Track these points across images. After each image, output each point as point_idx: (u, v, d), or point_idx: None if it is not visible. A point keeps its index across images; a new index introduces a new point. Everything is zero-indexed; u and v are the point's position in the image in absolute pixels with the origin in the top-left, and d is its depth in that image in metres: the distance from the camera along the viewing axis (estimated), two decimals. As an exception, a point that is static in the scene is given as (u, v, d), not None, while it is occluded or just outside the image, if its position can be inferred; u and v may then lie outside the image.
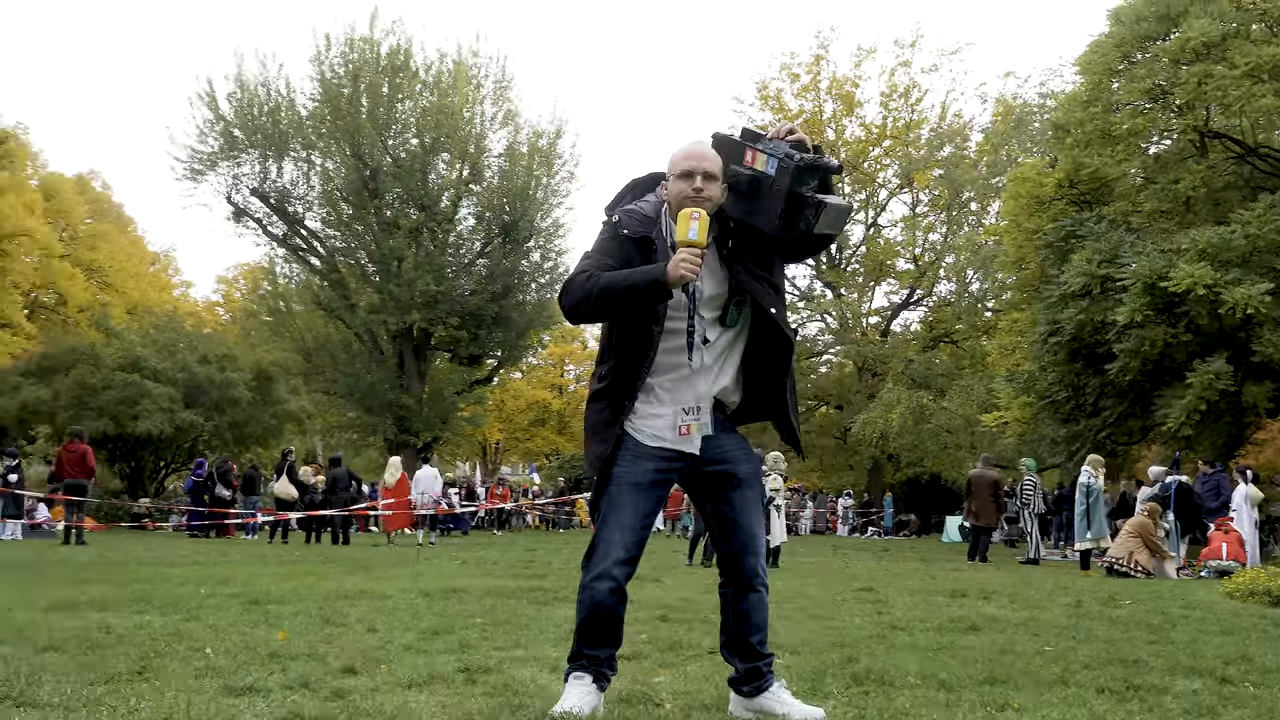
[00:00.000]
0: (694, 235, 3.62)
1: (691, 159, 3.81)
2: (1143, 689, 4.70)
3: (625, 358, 3.86)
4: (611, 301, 3.72)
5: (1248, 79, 20.77)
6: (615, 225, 3.90)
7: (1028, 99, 36.05)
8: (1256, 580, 10.56)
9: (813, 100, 42.10)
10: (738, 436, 4.02)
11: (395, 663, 5.19)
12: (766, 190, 3.69)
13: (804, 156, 3.65)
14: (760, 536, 3.98)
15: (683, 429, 3.85)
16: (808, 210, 3.64)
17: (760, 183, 3.70)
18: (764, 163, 3.70)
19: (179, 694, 4.16)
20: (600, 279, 3.71)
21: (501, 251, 36.79)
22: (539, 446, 57.99)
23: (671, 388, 3.87)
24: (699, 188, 3.75)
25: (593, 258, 3.84)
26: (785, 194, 3.64)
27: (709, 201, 3.76)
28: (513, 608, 8.42)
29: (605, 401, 3.92)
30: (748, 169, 3.74)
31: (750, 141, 3.80)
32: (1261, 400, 19.90)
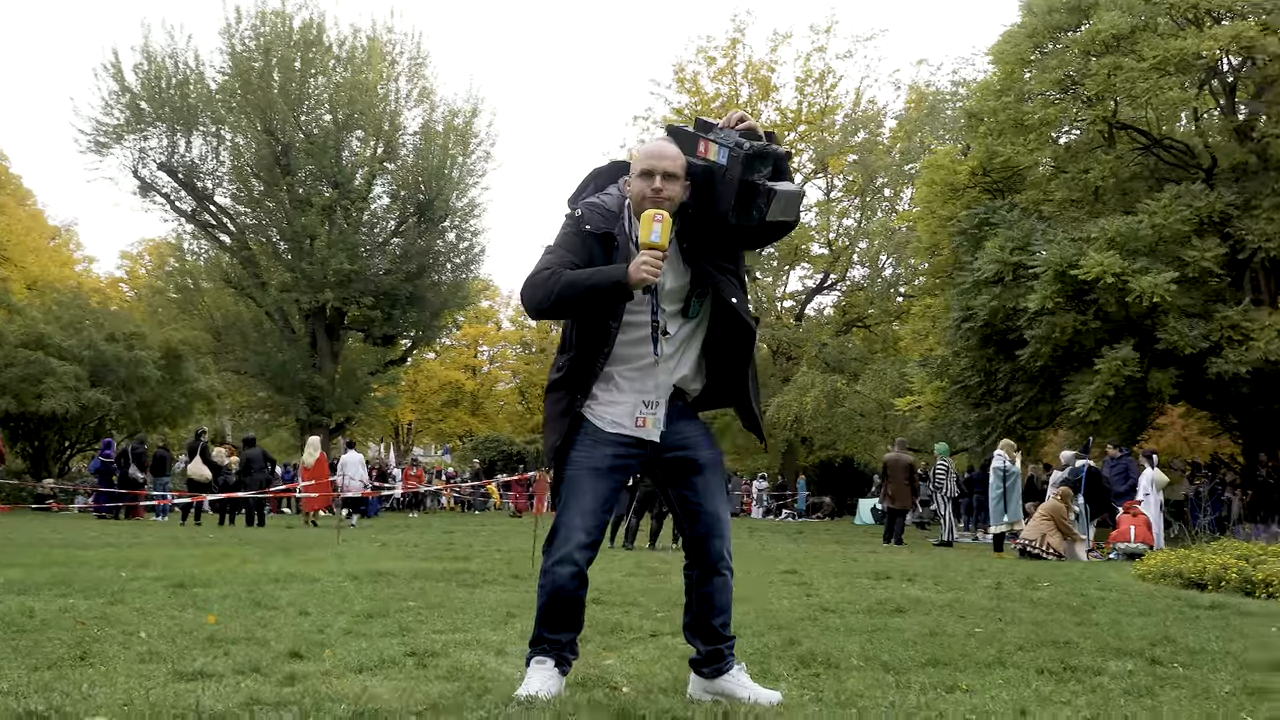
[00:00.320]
0: (655, 238, 3.63)
1: (652, 158, 3.81)
2: (1078, 670, 4.81)
3: (582, 351, 3.90)
4: (573, 300, 3.75)
5: (1155, 72, 21.28)
6: (578, 220, 3.90)
7: (941, 87, 36.61)
8: (1168, 563, 10.87)
9: (729, 84, 42.24)
10: (698, 423, 4.05)
11: (338, 647, 5.13)
12: (720, 180, 3.70)
13: (753, 144, 3.66)
14: (725, 520, 4.01)
15: (639, 420, 3.88)
16: (759, 198, 3.66)
17: (714, 173, 3.72)
18: (716, 152, 3.71)
19: (128, 679, 4.08)
20: (563, 277, 3.73)
21: (416, 231, 36.45)
22: (452, 428, 57.68)
23: (633, 377, 3.90)
24: (658, 188, 3.75)
25: (555, 253, 3.85)
26: (737, 183, 3.65)
27: (669, 201, 3.77)
28: (443, 591, 8.38)
29: (562, 392, 3.95)
30: (701, 159, 3.76)
31: (703, 132, 3.81)
32: (1166, 387, 20.45)
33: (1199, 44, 20.92)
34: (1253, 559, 9.94)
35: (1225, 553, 10.53)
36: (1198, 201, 20.71)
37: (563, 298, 3.72)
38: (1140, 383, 20.50)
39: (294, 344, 35.67)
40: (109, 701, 3.35)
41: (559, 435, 3.91)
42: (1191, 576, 10.15)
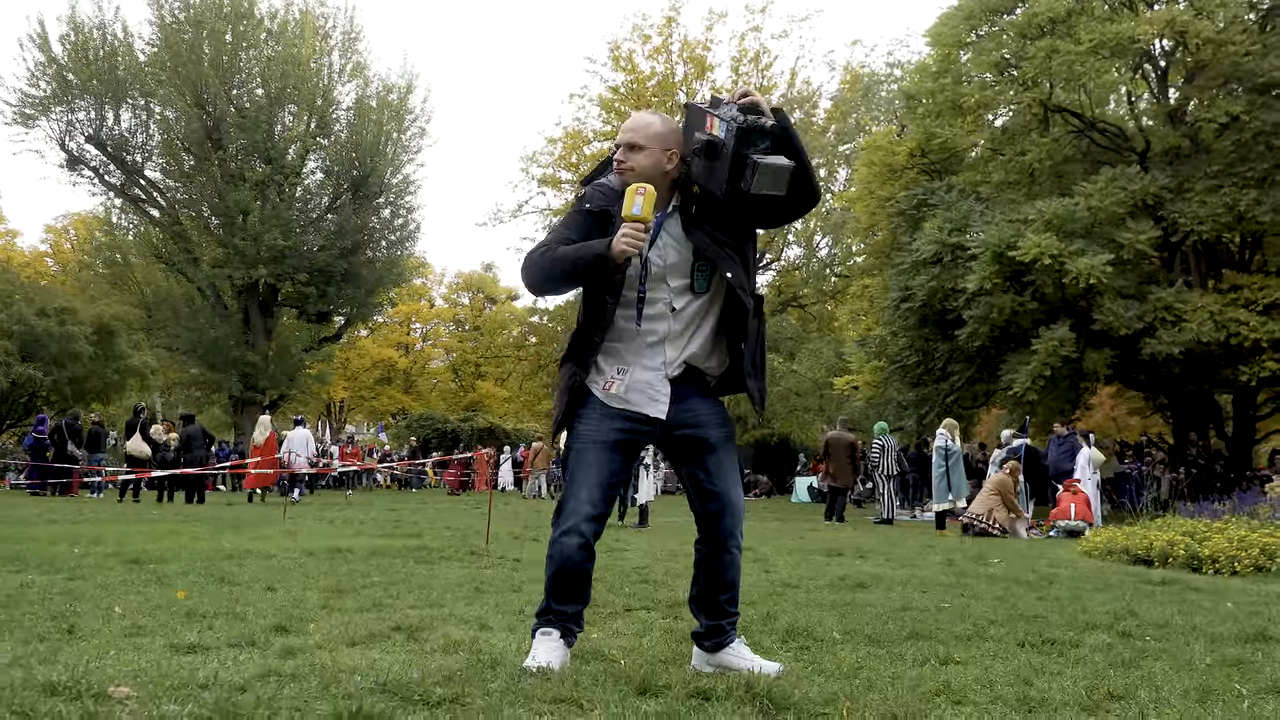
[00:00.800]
0: (637, 210, 3.67)
1: (623, 130, 3.93)
2: (1056, 643, 4.87)
3: (584, 327, 3.96)
4: (563, 275, 3.85)
5: (1092, 55, 21.58)
6: (581, 199, 3.99)
7: (875, 68, 36.87)
8: (1114, 539, 11.06)
9: (664, 62, 42.20)
10: (711, 401, 4.04)
11: (319, 622, 5.07)
12: (720, 153, 3.72)
13: (748, 119, 3.68)
14: (737, 499, 4.01)
15: (606, 384, 3.90)
16: (746, 171, 3.67)
17: (713, 147, 3.73)
18: (717, 126, 3.74)
19: (123, 652, 3.99)
20: (554, 253, 3.83)
21: (351, 207, 36.03)
22: (384, 405, 57.27)
23: (637, 353, 3.91)
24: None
25: (555, 231, 3.97)
26: (731, 156, 3.67)
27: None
28: (403, 567, 8.34)
29: (570, 365, 3.99)
30: (706, 134, 3.77)
31: (712, 108, 3.82)
32: (1101, 367, 20.80)
33: (1134, 28, 21.23)
34: (1197, 535, 10.14)
35: (1170, 530, 10.74)
36: (1132, 185, 21.04)
37: (553, 272, 3.83)
38: (1076, 363, 20.82)
39: (226, 320, 35.14)
40: (116, 673, 3.26)
41: (561, 410, 3.96)
42: (1138, 553, 10.36)
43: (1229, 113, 20.91)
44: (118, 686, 3.04)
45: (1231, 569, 9.23)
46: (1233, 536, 9.75)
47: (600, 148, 43.01)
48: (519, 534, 13.02)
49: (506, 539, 11.95)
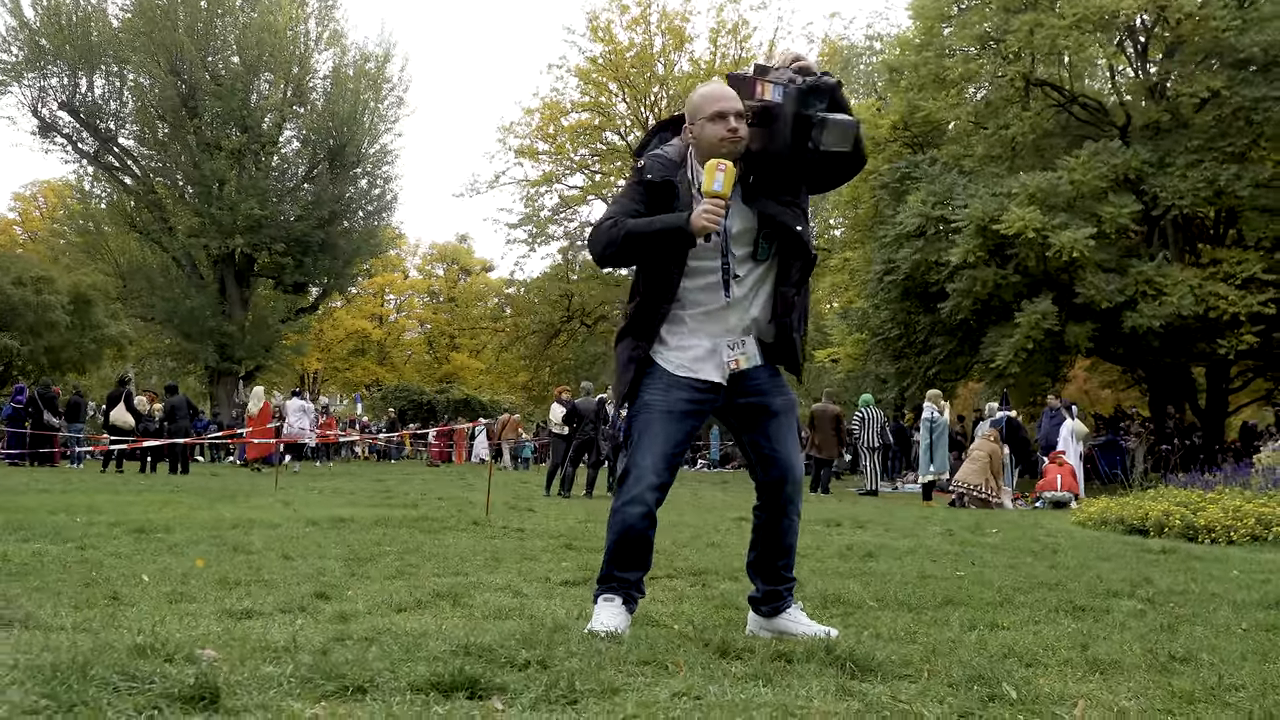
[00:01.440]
0: (719, 187, 3.68)
1: (723, 100, 3.84)
2: (1089, 609, 4.94)
3: (647, 298, 3.95)
4: (636, 248, 3.86)
5: (1075, 29, 21.68)
6: (640, 170, 3.96)
7: (855, 41, 36.84)
8: (1108, 510, 11.21)
9: (643, 33, 42.05)
10: (770, 369, 4.07)
11: (353, 590, 5.09)
12: (777, 117, 3.74)
13: (807, 79, 3.70)
14: (798, 466, 4.06)
15: (732, 362, 3.92)
16: (813, 129, 3.69)
17: (770, 111, 3.75)
18: (771, 91, 3.76)
19: (179, 618, 3.99)
20: (625, 226, 3.82)
21: (328, 177, 35.77)
22: (358, 377, 57.00)
23: (705, 321, 3.94)
24: (734, 127, 3.80)
25: (619, 203, 3.95)
26: (792, 117, 3.69)
27: (744, 141, 3.83)
28: (410, 537, 8.33)
29: (629, 339, 4.01)
30: (758, 100, 3.78)
31: (759, 75, 3.83)
32: (1083, 340, 20.99)
33: (1117, 2, 21.32)
34: (1192, 506, 10.29)
35: (1164, 500, 10.89)
36: (1114, 159, 21.17)
37: (626, 245, 3.84)
38: (1058, 336, 21.01)
39: (202, 290, 34.84)
40: (186, 637, 3.26)
41: (627, 384, 3.98)
42: (1134, 523, 10.51)
43: (1209, 88, 21.07)
44: (204, 649, 3.05)
45: (1228, 538, 9.38)
46: (1228, 507, 9.90)
47: (578, 119, 42.89)
48: (514, 504, 13.05)
49: (503, 509, 11.97)
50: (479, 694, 2.67)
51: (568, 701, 2.62)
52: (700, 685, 2.78)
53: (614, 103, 42.77)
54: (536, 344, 42.34)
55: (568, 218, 43.57)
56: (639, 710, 2.52)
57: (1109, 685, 2.97)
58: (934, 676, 3.00)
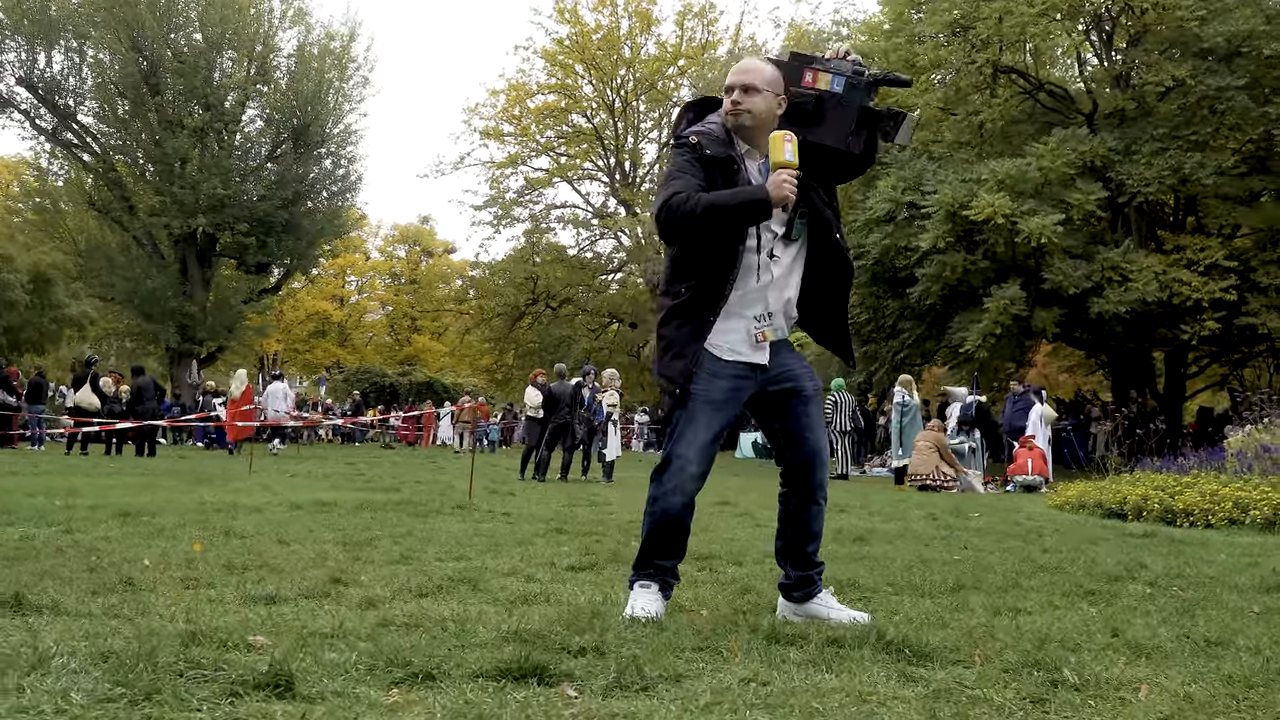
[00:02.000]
0: (789, 157, 3.68)
1: (733, 75, 3.93)
2: (1098, 594, 4.99)
3: (710, 275, 3.91)
4: (716, 221, 3.80)
5: (1043, 17, 21.85)
6: (696, 147, 3.91)
7: (822, 26, 36.87)
8: (1086, 494, 11.34)
9: (609, 15, 41.98)
10: (797, 354, 4.10)
11: (366, 575, 5.07)
12: (834, 108, 3.72)
13: (872, 72, 3.70)
14: (826, 451, 4.07)
15: (758, 335, 3.93)
16: (885, 122, 3.71)
17: (825, 102, 3.73)
18: (828, 81, 3.74)
19: (203, 603, 3.96)
20: (701, 200, 3.77)
21: (292, 156, 35.39)
22: (319, 359, 56.66)
23: (746, 302, 3.94)
24: (736, 100, 3.87)
25: (681, 179, 3.87)
26: (857, 110, 3.69)
27: (749, 114, 3.87)
28: (399, 522, 8.31)
29: (684, 318, 3.96)
30: (810, 89, 3.76)
31: (806, 62, 3.82)
32: (1049, 325, 21.21)
33: (1087, -10, 21.54)
34: (1169, 490, 10.43)
35: (1140, 484, 11.03)
36: (1082, 146, 21.38)
37: (705, 219, 3.78)
38: (1025, 321, 21.21)
39: (163, 270, 34.36)
40: (211, 626, 3.22)
41: (687, 361, 3.91)
42: (1112, 507, 10.64)
43: (1174, 76, 21.29)
44: (255, 636, 3.03)
45: (1206, 522, 9.51)
46: (1205, 491, 10.03)
47: (544, 100, 42.72)
48: (494, 489, 13.03)
49: (484, 494, 11.95)
50: (547, 680, 2.67)
51: (639, 688, 2.62)
52: (765, 672, 2.80)
53: (580, 85, 42.68)
54: (501, 327, 42.19)
55: (533, 200, 43.51)
56: (716, 698, 2.53)
57: (1159, 670, 3.01)
58: (986, 662, 3.03)
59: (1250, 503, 9.44)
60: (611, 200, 43.50)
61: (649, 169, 43.36)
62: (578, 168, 43.78)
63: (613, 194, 43.12)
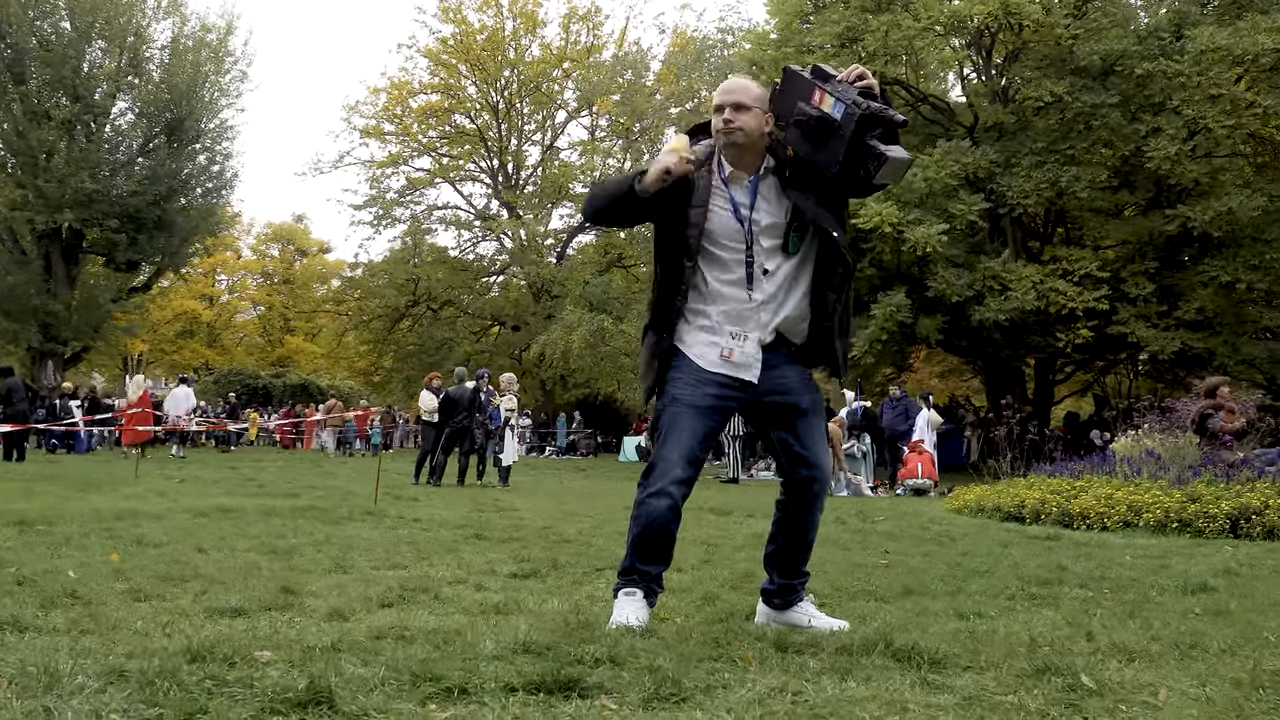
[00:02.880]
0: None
1: (725, 94, 3.96)
2: (1041, 598, 5.13)
3: (662, 291, 4.00)
4: (601, 201, 4.05)
5: (928, 32, 22.41)
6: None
7: (707, 33, 37.25)
8: (984, 497, 11.64)
9: (494, 16, 41.67)
10: (800, 368, 4.07)
11: (314, 585, 4.95)
12: (831, 133, 3.74)
13: (870, 105, 3.71)
14: (826, 464, 4.08)
15: (725, 352, 3.92)
16: (870, 161, 3.72)
17: (825, 124, 3.75)
18: (831, 105, 3.75)
19: (173, 617, 3.82)
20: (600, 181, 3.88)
21: (165, 151, 34.33)
22: (186, 359, 55.01)
23: (732, 319, 3.93)
24: (728, 119, 3.90)
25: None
26: (849, 140, 3.71)
27: (741, 131, 3.89)
28: (312, 529, 8.17)
29: (651, 333, 4.06)
30: (815, 109, 3.78)
31: (820, 81, 3.84)
32: (933, 332, 21.75)
33: (970, 7, 22.12)
34: (1064, 493, 10.76)
35: (1036, 488, 11.36)
36: (965, 158, 21.97)
37: (593, 199, 4.05)
38: (910, 328, 21.71)
39: (25, 267, 32.99)
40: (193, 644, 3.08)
41: (652, 379, 4.02)
42: (1010, 510, 10.93)
43: (1052, 93, 22.03)
44: (260, 652, 2.94)
45: (1102, 525, 9.84)
46: (1099, 494, 10.38)
47: (427, 100, 42.24)
48: (397, 494, 12.85)
49: (388, 500, 11.76)
50: (583, 694, 2.64)
51: (677, 699, 2.60)
52: (793, 682, 2.80)
53: (464, 85, 42.29)
54: (380, 328, 41.52)
55: (414, 200, 42.90)
56: (760, 710, 2.53)
57: (1161, 674, 3.09)
58: (994, 667, 3.09)
59: (1143, 506, 9.80)
60: (494, 202, 43.21)
61: (532, 171, 43.22)
62: (460, 169, 43.36)
63: (495, 196, 42.82)
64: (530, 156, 43.40)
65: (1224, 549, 8.15)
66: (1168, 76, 21.26)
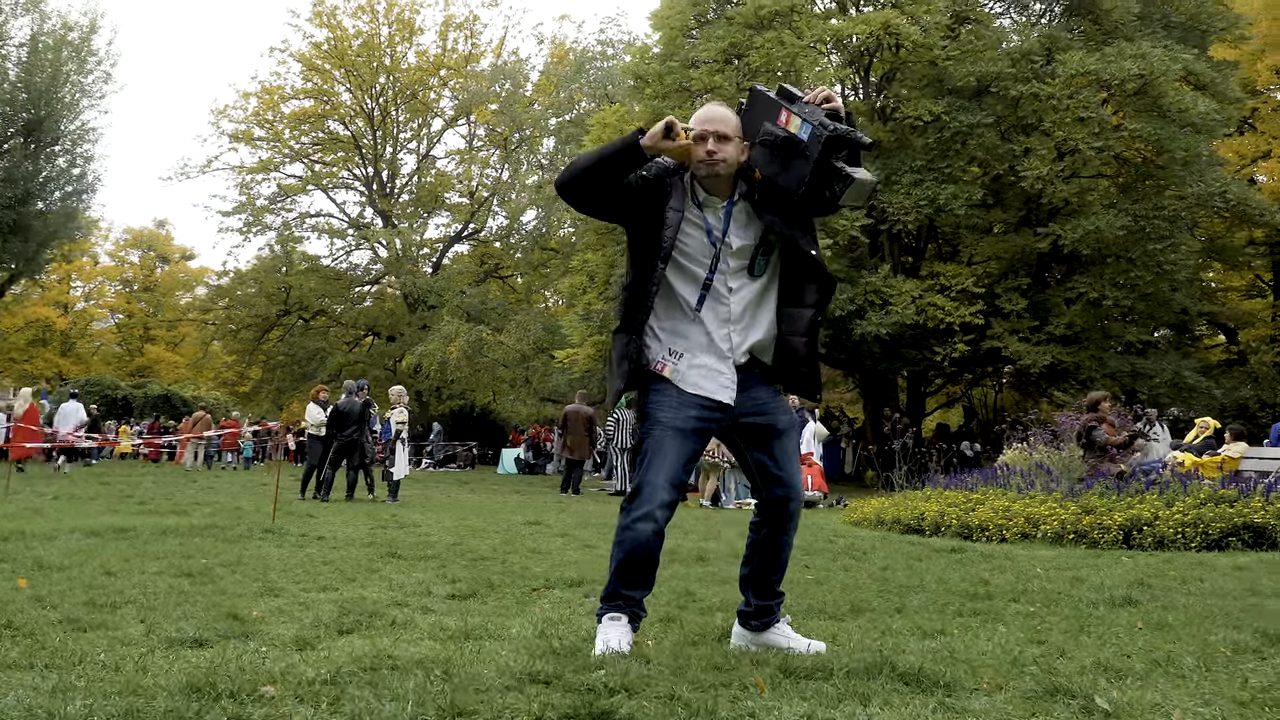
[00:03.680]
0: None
1: (708, 122, 3.93)
2: (981, 614, 5.19)
3: (633, 293, 3.96)
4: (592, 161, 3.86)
5: (811, 49, 22.76)
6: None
7: (587, 45, 37.28)
8: (883, 510, 11.81)
9: (369, 22, 41.10)
10: (771, 389, 4.06)
11: (254, 608, 4.76)
12: (797, 153, 3.75)
13: (837, 127, 3.73)
14: (800, 485, 4.07)
15: (658, 365, 3.92)
16: (835, 182, 3.74)
17: (792, 145, 3.76)
18: (797, 126, 3.76)
19: (120, 646, 3.62)
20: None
21: (22, 153, 32.97)
22: (38, 369, 52.91)
23: (697, 337, 3.94)
24: (711, 150, 3.87)
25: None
26: (814, 161, 3.72)
27: (724, 163, 3.88)
28: (217, 548, 7.90)
29: (621, 335, 4.00)
30: (781, 130, 3.78)
31: (786, 102, 3.84)
32: (818, 344, 22.01)
33: (852, 26, 22.54)
34: (962, 506, 10.98)
35: (934, 501, 11.57)
36: (846, 174, 22.31)
37: (574, 163, 3.92)
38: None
39: None
40: (128, 686, 2.92)
41: (622, 381, 3.96)
42: (910, 523, 11.11)
43: (932, 112, 22.56)
44: (265, 687, 2.80)
45: (1001, 536, 10.07)
46: (997, 507, 10.62)
47: (300, 105, 41.41)
48: (289, 510, 12.51)
49: (284, 516, 11.44)
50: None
51: (714, 730, 2.56)
52: (819, 710, 2.77)
53: (338, 91, 41.56)
54: (250, 338, 40.48)
55: (286, 207, 42.00)
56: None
57: (1160, 692, 3.12)
58: (1001, 690, 3.10)
59: (1040, 518, 10.05)
60: (369, 210, 42.53)
61: (408, 180, 42.65)
62: (334, 176, 42.59)
63: (370, 204, 42.15)
64: (406, 165, 42.93)
65: (1121, 559, 8.41)
66: (1039, 99, 21.96)
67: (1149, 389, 22.89)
